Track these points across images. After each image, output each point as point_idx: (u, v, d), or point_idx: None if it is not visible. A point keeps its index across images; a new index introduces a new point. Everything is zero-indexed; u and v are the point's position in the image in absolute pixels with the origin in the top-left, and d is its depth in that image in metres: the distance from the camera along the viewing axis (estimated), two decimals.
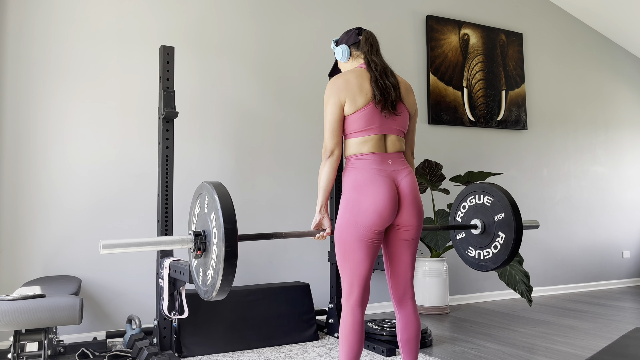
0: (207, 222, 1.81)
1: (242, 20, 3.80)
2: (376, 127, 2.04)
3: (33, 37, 3.19)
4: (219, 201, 1.72)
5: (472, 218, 2.54)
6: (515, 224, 2.35)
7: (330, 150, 2.02)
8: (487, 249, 2.48)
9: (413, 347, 2.07)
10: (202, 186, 1.88)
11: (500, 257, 2.40)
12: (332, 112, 2.03)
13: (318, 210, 2.06)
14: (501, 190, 2.43)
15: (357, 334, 1.94)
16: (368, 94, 2.05)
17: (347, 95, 2.03)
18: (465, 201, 2.59)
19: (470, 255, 2.55)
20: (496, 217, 2.43)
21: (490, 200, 2.47)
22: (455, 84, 4.57)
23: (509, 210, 2.37)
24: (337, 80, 2.07)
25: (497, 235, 2.42)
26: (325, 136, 2.04)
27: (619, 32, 5.40)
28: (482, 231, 2.48)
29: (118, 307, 3.29)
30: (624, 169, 5.50)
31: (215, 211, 1.73)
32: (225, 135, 3.67)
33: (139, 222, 3.37)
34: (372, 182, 1.96)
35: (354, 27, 2.26)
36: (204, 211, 1.85)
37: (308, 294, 3.29)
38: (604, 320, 3.74)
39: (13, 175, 3.11)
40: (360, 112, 2.03)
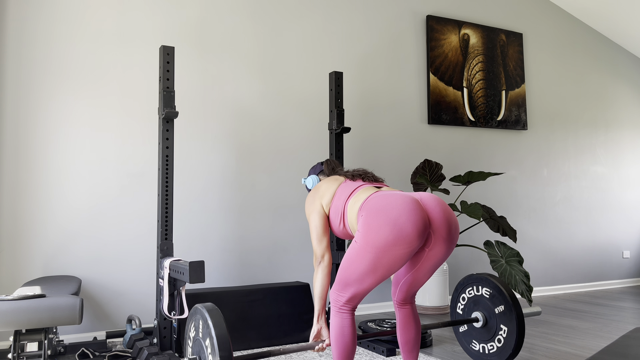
0: (202, 349, 1.78)
1: (242, 20, 3.80)
2: (365, 184, 2.08)
3: (34, 37, 3.19)
4: (212, 327, 1.68)
5: (472, 310, 2.54)
6: (517, 316, 2.33)
7: (320, 256, 2.06)
8: (491, 343, 2.47)
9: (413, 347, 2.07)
10: (195, 310, 1.84)
11: (506, 352, 2.38)
12: (314, 220, 2.10)
13: (316, 320, 2.05)
14: (498, 282, 2.43)
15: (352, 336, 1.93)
16: (339, 179, 2.18)
17: (321, 196, 2.13)
18: (464, 292, 2.59)
19: (475, 349, 2.55)
20: (496, 309, 2.43)
21: (488, 292, 2.47)
22: (455, 84, 4.57)
23: (508, 304, 2.37)
24: (310, 195, 2.20)
25: (499, 328, 2.42)
26: (313, 244, 2.10)
27: (619, 32, 5.40)
28: (484, 324, 2.48)
29: (118, 307, 3.29)
30: (624, 169, 5.50)
31: (209, 338, 1.70)
32: (225, 135, 3.68)
33: (139, 222, 3.37)
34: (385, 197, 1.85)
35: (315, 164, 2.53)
36: (198, 336, 1.82)
37: (308, 294, 3.29)
38: (604, 320, 3.74)
39: (13, 175, 3.11)
40: (340, 188, 2.11)
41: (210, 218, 3.58)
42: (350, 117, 4.13)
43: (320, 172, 2.46)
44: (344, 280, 1.89)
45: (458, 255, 4.53)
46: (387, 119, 4.29)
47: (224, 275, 3.60)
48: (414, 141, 4.38)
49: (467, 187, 4.48)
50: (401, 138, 4.33)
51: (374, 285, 1.86)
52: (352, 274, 1.85)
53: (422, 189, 4.08)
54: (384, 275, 1.83)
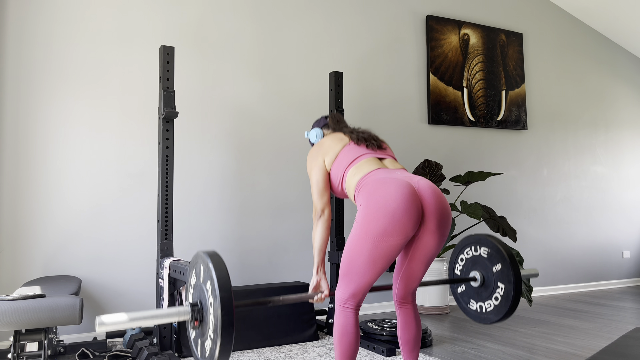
0: (203, 292, 1.79)
1: (242, 20, 3.80)
2: (368, 153, 2.09)
3: (33, 37, 3.19)
4: (213, 270, 1.69)
5: (470, 270, 2.55)
6: (514, 274, 2.35)
7: (320, 210, 2.07)
8: (488, 301, 2.48)
9: (413, 347, 2.07)
10: (197, 256, 1.85)
11: (502, 309, 2.39)
12: (316, 174, 2.10)
13: (315, 271, 2.06)
14: (496, 241, 2.43)
15: (355, 334, 1.93)
16: (344, 139, 2.16)
17: (325, 153, 2.13)
18: (462, 253, 2.60)
19: (472, 309, 2.56)
20: (494, 268, 2.43)
21: (486, 251, 2.47)
22: (455, 84, 4.57)
23: (506, 262, 2.37)
24: (313, 150, 2.19)
25: (496, 286, 2.43)
26: (313, 198, 2.10)
27: (619, 32, 5.40)
28: (481, 283, 2.48)
29: (118, 307, 3.29)
30: (624, 169, 5.50)
31: (210, 280, 1.70)
32: (225, 135, 3.68)
33: (139, 222, 3.37)
34: (382, 184, 1.88)
35: (320, 117, 2.47)
36: (199, 281, 1.82)
37: None
38: (604, 320, 3.74)
39: (13, 175, 3.11)
40: (343, 151, 2.13)
41: (210, 218, 3.58)
42: (350, 117, 4.13)
43: (324, 126, 2.39)
44: (345, 272, 1.92)
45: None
46: (387, 118, 4.29)
47: None
48: (414, 141, 4.38)
49: (467, 187, 4.48)
50: (401, 138, 4.33)
51: (373, 276, 1.89)
52: (353, 264, 1.89)
53: None
54: (382, 266, 1.87)
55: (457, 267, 2.63)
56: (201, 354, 1.83)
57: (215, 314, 1.67)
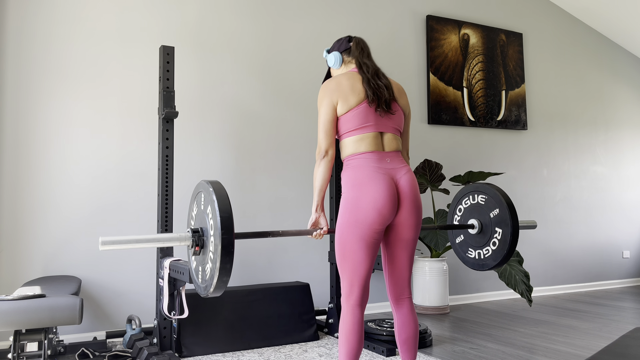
0: (204, 219, 1.82)
1: (242, 20, 3.80)
2: (372, 124, 2.05)
3: (33, 36, 3.19)
4: (214, 193, 1.73)
5: (468, 219, 2.55)
6: (510, 217, 2.36)
7: (324, 150, 2.05)
8: (486, 247, 2.49)
9: (411, 347, 2.07)
10: (200, 185, 1.89)
11: (500, 253, 2.41)
12: (325, 113, 2.06)
13: (314, 209, 2.08)
14: (494, 188, 2.45)
15: (358, 334, 1.94)
16: (360, 93, 2.07)
17: (339, 96, 2.05)
18: (460, 203, 2.60)
19: (471, 257, 2.56)
20: (491, 213, 2.44)
21: (484, 198, 2.48)
22: (455, 84, 4.57)
23: (503, 205, 2.38)
24: (329, 83, 2.10)
25: (494, 231, 2.44)
26: (319, 137, 2.06)
27: (619, 32, 5.40)
28: (479, 230, 2.49)
29: (118, 307, 3.29)
30: (624, 169, 5.50)
31: (211, 203, 1.74)
32: (225, 135, 3.67)
33: (139, 222, 3.37)
34: (371, 180, 1.96)
35: (344, 36, 2.27)
36: (201, 209, 1.86)
37: (308, 294, 3.29)
38: (604, 320, 3.74)
39: (13, 175, 3.11)
40: (354, 111, 2.05)
41: None
42: None
43: (345, 51, 2.24)
44: (339, 266, 2.00)
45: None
46: None
47: None
48: (414, 141, 4.38)
49: None
50: None
51: (367, 264, 1.95)
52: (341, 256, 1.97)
53: (422, 189, 4.08)
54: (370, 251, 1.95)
55: (456, 217, 2.63)
56: (202, 279, 1.85)
57: (215, 235, 1.70)
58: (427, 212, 4.34)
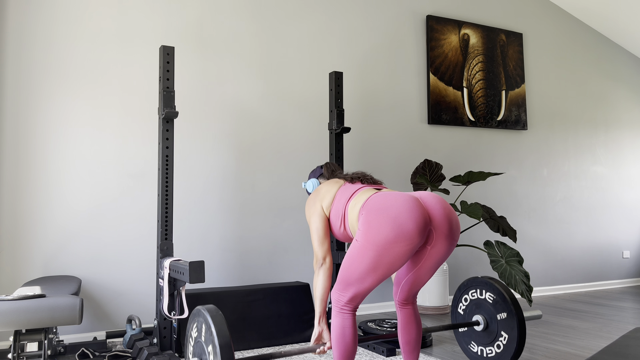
0: (204, 351, 1.77)
1: (242, 20, 3.80)
2: (364, 187, 2.08)
3: (33, 37, 3.19)
4: (216, 335, 1.67)
5: (474, 313, 2.55)
6: (518, 326, 2.35)
7: (322, 258, 2.06)
8: (489, 347, 2.48)
9: (414, 348, 2.07)
10: (197, 312, 1.83)
11: (504, 358, 2.41)
12: (315, 221, 2.10)
13: (317, 322, 2.05)
14: (502, 288, 2.43)
15: (353, 336, 1.94)
16: (339, 182, 2.18)
17: (322, 198, 2.14)
18: (466, 294, 2.61)
19: (473, 351, 2.57)
20: (499, 315, 2.44)
21: (492, 297, 2.47)
22: (455, 84, 4.57)
23: (512, 313, 2.38)
24: (310, 198, 2.21)
25: (500, 334, 2.43)
26: (314, 247, 2.09)
27: (619, 32, 5.40)
28: (484, 328, 2.49)
29: (118, 307, 3.29)
30: (624, 169, 5.50)
31: (212, 346, 1.69)
32: (225, 135, 3.68)
33: (139, 221, 3.37)
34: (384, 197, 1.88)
35: (315, 167, 2.53)
36: (200, 339, 1.81)
37: (308, 294, 3.29)
38: (604, 320, 3.74)
39: (13, 175, 3.11)
40: (340, 191, 2.11)
41: (210, 218, 3.58)
42: (350, 117, 4.13)
43: (320, 176, 2.45)
44: (345, 279, 1.90)
45: (458, 256, 4.53)
46: (387, 118, 4.29)
47: (224, 275, 3.60)
48: (414, 141, 4.38)
49: (467, 187, 4.48)
50: (401, 138, 4.33)
51: (375, 284, 1.87)
52: (354, 273, 1.86)
53: (422, 188, 4.08)
54: (385, 274, 1.84)
55: (461, 306, 2.63)
56: None
57: None
58: None
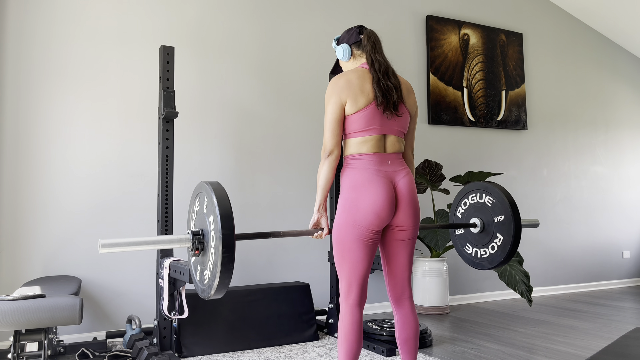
0: (205, 223, 1.81)
1: (242, 20, 3.80)
2: (377, 127, 2.04)
3: (33, 37, 3.19)
4: (217, 205, 1.72)
5: (472, 216, 2.56)
6: (514, 228, 2.36)
7: (329, 150, 2.02)
8: (484, 248, 2.49)
9: (411, 347, 2.07)
10: (201, 186, 1.88)
11: (497, 259, 2.43)
12: (333, 112, 2.03)
13: (316, 209, 2.07)
14: (503, 192, 2.44)
15: (357, 334, 1.94)
16: (370, 94, 2.03)
17: (348, 95, 2.01)
18: (466, 198, 2.60)
19: (468, 252, 2.58)
20: (496, 218, 2.44)
21: (491, 200, 2.48)
22: (455, 84, 4.57)
23: (509, 213, 2.38)
24: (338, 80, 2.05)
25: (495, 236, 2.44)
26: (325, 135, 2.04)
27: (619, 32, 5.40)
28: (481, 230, 2.49)
29: (118, 307, 3.29)
30: (624, 169, 5.50)
31: (213, 215, 1.73)
32: (225, 135, 3.68)
33: (139, 222, 3.37)
34: (370, 182, 1.97)
35: (355, 26, 2.20)
36: (202, 211, 1.85)
37: (308, 294, 3.29)
38: (604, 320, 3.74)
39: (13, 175, 3.11)
40: (362, 112, 2.02)
41: None
42: None
43: (354, 44, 2.18)
44: (337, 265, 2.00)
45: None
46: None
47: None
48: None
49: None
50: None
51: (365, 262, 1.96)
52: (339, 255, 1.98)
53: (422, 189, 4.08)
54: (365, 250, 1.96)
55: (460, 209, 2.63)
56: (200, 280, 1.86)
57: (216, 248, 1.69)
58: (427, 212, 4.34)
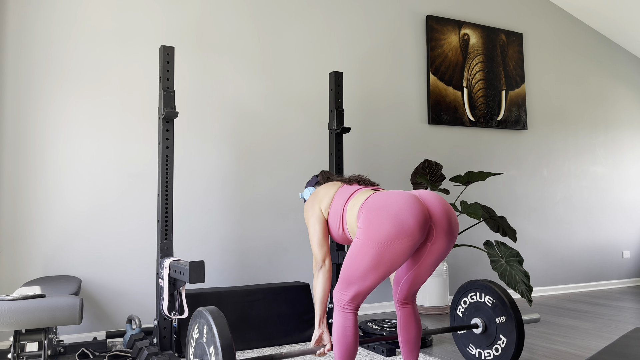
0: (205, 353, 1.77)
1: (242, 20, 3.80)
2: (361, 188, 2.09)
3: (33, 37, 3.19)
4: (218, 336, 1.66)
5: (473, 316, 2.56)
6: (517, 331, 2.36)
7: (321, 260, 2.05)
8: (488, 350, 2.49)
9: (413, 347, 2.07)
10: (200, 313, 1.81)
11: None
12: (314, 224, 2.10)
13: (317, 324, 2.05)
14: (502, 292, 2.44)
15: (354, 335, 1.94)
16: (337, 184, 2.19)
17: (320, 200, 2.14)
18: (466, 296, 2.62)
19: (471, 353, 2.58)
20: (498, 319, 2.45)
21: (491, 300, 2.48)
22: (455, 84, 4.57)
23: (510, 316, 2.39)
24: (308, 201, 2.21)
25: (498, 337, 2.44)
26: (313, 249, 2.09)
27: (619, 32, 5.40)
28: (483, 331, 2.50)
29: (118, 307, 3.29)
30: (624, 169, 5.50)
31: (214, 347, 1.68)
32: (225, 135, 3.68)
33: (139, 222, 3.37)
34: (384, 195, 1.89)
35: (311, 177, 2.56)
36: (202, 340, 1.79)
37: (308, 294, 3.29)
38: (604, 320, 3.74)
39: (13, 175, 3.11)
40: (338, 192, 2.13)
41: (210, 218, 3.58)
42: (350, 117, 4.13)
43: (316, 184, 2.46)
44: (347, 278, 1.90)
45: (458, 256, 4.53)
46: (387, 118, 4.29)
47: (224, 275, 3.60)
48: (414, 141, 4.38)
49: (467, 187, 4.48)
50: (401, 138, 4.33)
51: (377, 282, 1.88)
52: (355, 271, 1.87)
53: (422, 188, 4.07)
54: (386, 272, 1.85)
55: (460, 309, 2.64)
56: None
57: None
58: None
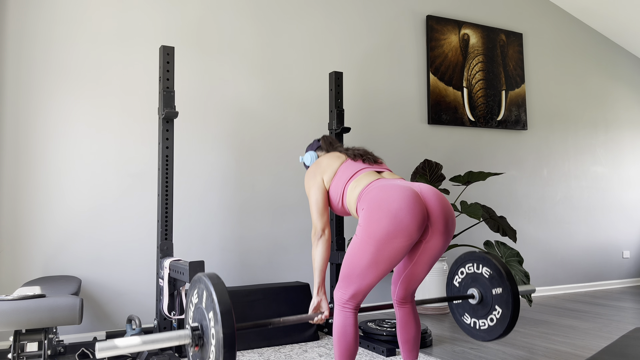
0: (205, 318, 1.76)
1: (242, 20, 3.80)
2: (365, 168, 2.08)
3: (34, 37, 3.19)
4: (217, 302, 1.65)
5: (469, 286, 2.58)
6: (513, 302, 2.37)
7: (321, 230, 2.05)
8: (483, 320, 2.51)
9: (413, 347, 2.07)
10: (199, 279, 1.82)
11: (496, 331, 2.45)
12: (315, 193, 2.09)
13: (315, 292, 2.06)
14: (500, 264, 2.45)
15: (354, 335, 1.94)
16: (341, 157, 2.16)
17: (323, 171, 2.12)
18: (463, 267, 2.62)
19: (466, 322, 2.60)
20: (494, 290, 2.46)
21: (488, 272, 2.49)
22: (455, 84, 4.57)
23: (507, 288, 2.40)
24: (310, 169, 2.18)
25: (494, 308, 2.46)
26: (313, 218, 2.08)
27: (619, 32, 5.40)
28: (479, 301, 2.51)
29: (118, 307, 3.29)
30: (624, 169, 5.50)
31: (213, 312, 1.68)
32: (226, 135, 3.68)
33: (139, 221, 3.37)
34: (384, 188, 1.88)
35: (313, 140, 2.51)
36: (201, 305, 1.79)
37: (308, 294, 3.29)
38: (604, 320, 3.74)
39: (13, 175, 3.11)
40: (342, 167, 2.12)
41: (210, 218, 3.58)
42: (350, 117, 4.13)
43: (318, 149, 2.41)
44: (346, 276, 1.91)
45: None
46: (387, 119, 4.29)
47: (224, 275, 3.60)
48: (414, 141, 4.38)
49: (467, 187, 4.48)
50: (401, 138, 4.33)
51: (376, 280, 1.88)
52: (355, 269, 1.88)
53: None
54: (385, 269, 1.86)
55: (456, 279, 2.65)
56: None
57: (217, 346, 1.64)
58: None
